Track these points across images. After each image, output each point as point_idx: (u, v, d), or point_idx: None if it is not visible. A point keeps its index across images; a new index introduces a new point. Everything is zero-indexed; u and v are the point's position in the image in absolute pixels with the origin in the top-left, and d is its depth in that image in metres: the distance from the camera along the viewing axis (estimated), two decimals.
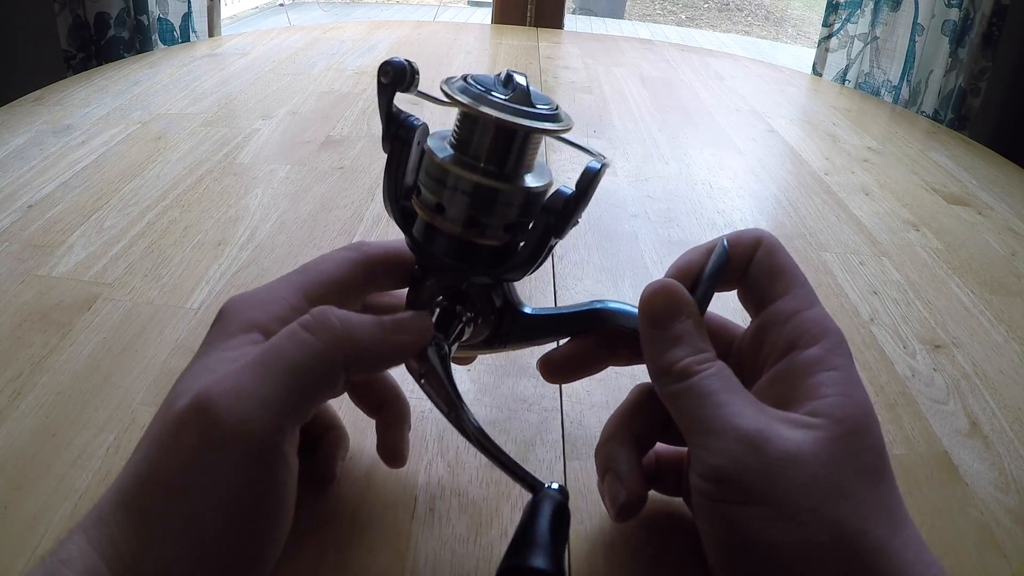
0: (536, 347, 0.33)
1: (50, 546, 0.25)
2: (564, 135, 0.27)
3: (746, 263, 0.29)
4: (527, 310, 0.30)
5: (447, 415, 0.28)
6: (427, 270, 0.30)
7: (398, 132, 0.28)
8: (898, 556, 0.22)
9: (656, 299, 0.27)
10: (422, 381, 0.28)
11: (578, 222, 0.28)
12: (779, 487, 0.23)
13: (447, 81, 0.27)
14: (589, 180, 0.27)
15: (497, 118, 0.26)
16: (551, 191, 0.28)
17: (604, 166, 0.27)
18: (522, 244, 0.29)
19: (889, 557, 0.22)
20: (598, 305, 0.31)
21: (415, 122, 0.28)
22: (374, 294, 0.32)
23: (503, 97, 0.26)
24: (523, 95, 0.26)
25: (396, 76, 0.27)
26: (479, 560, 0.30)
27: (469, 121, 0.27)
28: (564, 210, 0.27)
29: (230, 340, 0.26)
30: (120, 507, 0.22)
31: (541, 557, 0.23)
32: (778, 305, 0.27)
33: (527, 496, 0.34)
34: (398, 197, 0.29)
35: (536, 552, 0.23)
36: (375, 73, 0.27)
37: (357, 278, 0.29)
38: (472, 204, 0.27)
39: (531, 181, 0.28)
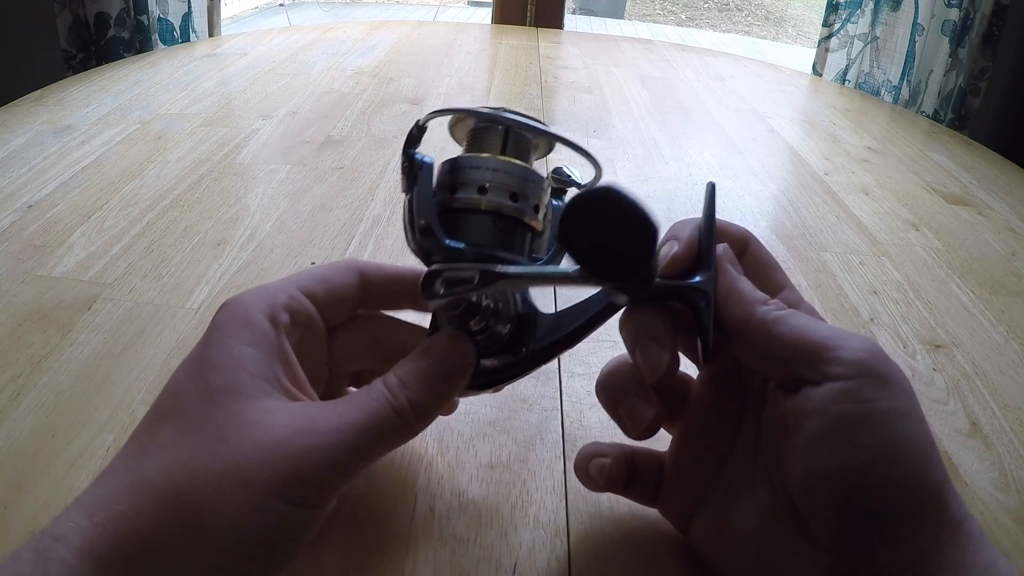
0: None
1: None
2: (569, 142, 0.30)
3: (740, 253, 0.30)
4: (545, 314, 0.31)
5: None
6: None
7: (413, 169, 0.29)
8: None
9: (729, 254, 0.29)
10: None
11: None
12: (906, 388, 0.24)
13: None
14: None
15: (520, 123, 0.28)
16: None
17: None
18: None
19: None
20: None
21: (428, 160, 0.30)
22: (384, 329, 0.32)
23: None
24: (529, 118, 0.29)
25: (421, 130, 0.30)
26: (479, 560, 0.30)
27: (489, 133, 0.30)
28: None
29: (245, 330, 0.26)
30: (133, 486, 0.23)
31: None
32: (784, 295, 0.29)
33: (526, 497, 0.34)
34: (429, 213, 0.29)
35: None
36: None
37: (352, 286, 0.30)
38: (513, 182, 0.29)
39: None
